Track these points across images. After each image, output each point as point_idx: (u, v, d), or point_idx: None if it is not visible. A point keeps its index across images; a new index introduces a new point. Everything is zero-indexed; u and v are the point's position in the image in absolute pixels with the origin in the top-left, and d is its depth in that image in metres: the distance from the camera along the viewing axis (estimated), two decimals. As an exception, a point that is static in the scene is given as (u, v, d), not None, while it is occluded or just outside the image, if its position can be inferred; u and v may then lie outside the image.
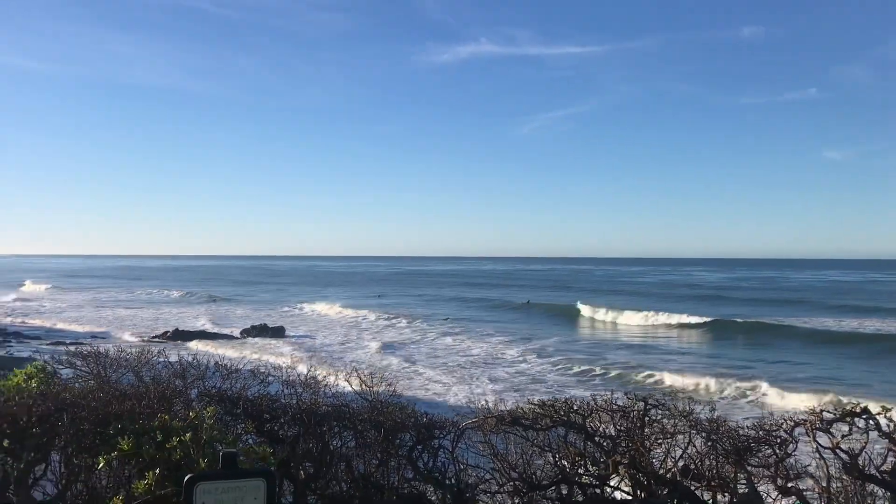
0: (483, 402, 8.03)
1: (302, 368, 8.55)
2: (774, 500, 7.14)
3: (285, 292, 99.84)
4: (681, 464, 7.39)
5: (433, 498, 7.53)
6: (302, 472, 7.21)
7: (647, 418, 7.42)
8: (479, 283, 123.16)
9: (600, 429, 7.55)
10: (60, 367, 8.29)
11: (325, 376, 8.34)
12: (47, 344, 43.71)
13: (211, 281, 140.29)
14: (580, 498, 7.53)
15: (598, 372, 32.77)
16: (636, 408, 7.44)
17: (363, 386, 8.04)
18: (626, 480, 7.43)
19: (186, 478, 4.53)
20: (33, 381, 7.26)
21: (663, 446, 7.44)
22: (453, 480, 7.52)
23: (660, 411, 7.43)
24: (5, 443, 6.44)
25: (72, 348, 18.75)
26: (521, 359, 36.97)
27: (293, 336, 49.68)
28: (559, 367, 34.36)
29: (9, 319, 62.74)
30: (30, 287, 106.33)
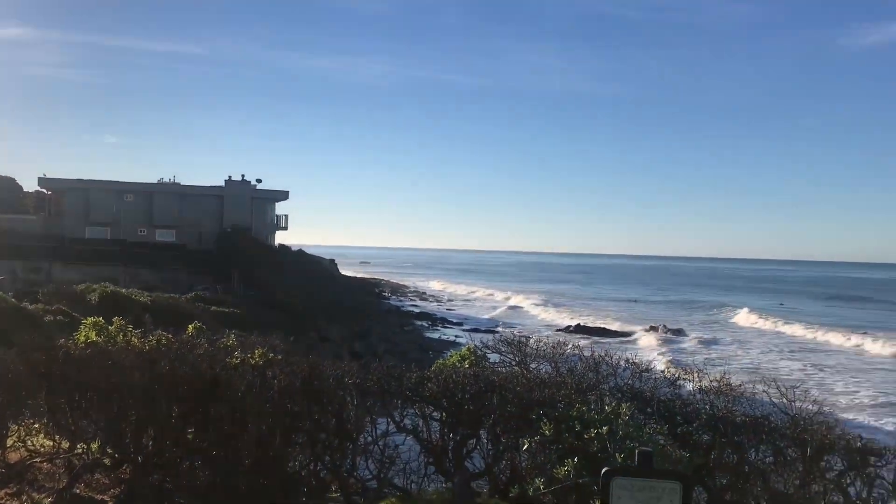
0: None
1: (713, 375, 8.20)
2: None
3: (689, 294, 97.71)
4: None
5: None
6: (716, 481, 6.93)
7: None
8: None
9: None
10: (487, 351, 9.09)
11: (741, 383, 7.89)
12: (465, 329, 48.64)
13: (618, 280, 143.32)
14: None
15: None
16: None
17: (783, 399, 7.45)
18: None
19: (604, 470, 4.62)
20: (466, 362, 8.07)
21: None
22: (892, 517, 6.60)
23: None
24: (443, 415, 7.25)
25: (489, 335, 20.58)
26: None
27: (693, 340, 48.43)
28: None
29: (434, 305, 71.26)
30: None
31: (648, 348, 40.99)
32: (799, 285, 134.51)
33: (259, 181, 68.85)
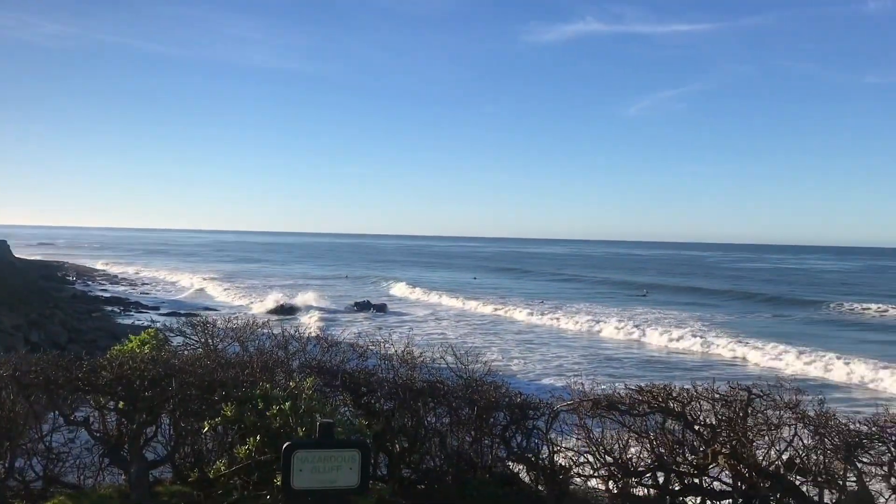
0: (579, 384, 7.92)
1: (399, 345, 8.63)
2: (887, 500, 6.77)
3: (388, 271, 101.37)
4: (785, 457, 7.10)
5: (526, 478, 7.51)
6: (396, 445, 7.32)
7: (750, 408, 7.14)
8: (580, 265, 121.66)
9: (700, 417, 7.33)
10: (172, 334, 8.71)
11: (421, 353, 8.39)
12: (164, 314, 46.09)
13: (316, 257, 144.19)
14: (677, 486, 7.34)
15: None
16: (739, 397, 7.18)
17: (458, 363, 8.07)
18: (727, 471, 7.19)
19: (285, 445, 4.68)
20: (146, 347, 7.65)
21: (767, 438, 7.15)
22: (546, 462, 7.47)
23: (764, 402, 7.14)
24: (120, 404, 6.82)
25: (179, 318, 19.74)
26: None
27: (395, 313, 50.55)
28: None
29: (127, 289, 66.51)
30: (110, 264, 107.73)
31: (341, 323, 41.92)
32: (487, 260, 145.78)
33: None
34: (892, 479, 6.65)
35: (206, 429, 6.20)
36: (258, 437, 5.77)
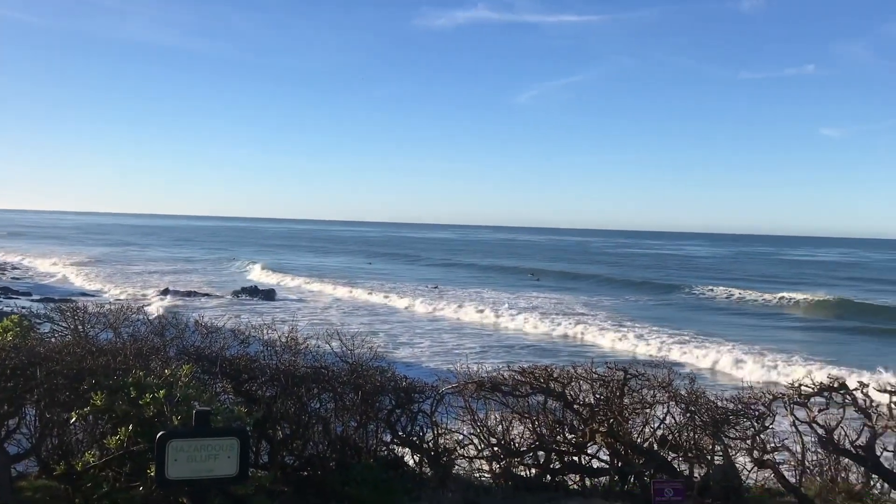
0: (465, 367, 7.99)
1: (284, 330, 8.46)
2: (750, 472, 7.19)
3: (277, 255, 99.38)
4: (659, 434, 7.42)
5: (411, 461, 7.54)
6: (279, 432, 7.19)
7: (626, 388, 7.42)
8: (467, 251, 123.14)
9: (580, 397, 7.56)
10: (39, 321, 8.22)
11: (306, 338, 8.24)
12: (35, 300, 43.56)
13: (199, 241, 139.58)
14: (557, 465, 7.56)
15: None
16: (616, 377, 7.44)
17: (344, 348, 7.99)
18: (604, 449, 7.46)
19: (159, 434, 4.51)
20: (9, 334, 7.18)
21: (642, 416, 7.46)
22: (431, 445, 7.52)
23: (639, 381, 7.43)
24: (-23, 396, 6.38)
25: (48, 304, 18.65)
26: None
27: (284, 299, 49.65)
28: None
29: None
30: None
31: (224, 309, 40.81)
32: (377, 245, 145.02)
33: None
34: (755, 452, 7.07)
35: (75, 419, 5.89)
36: (130, 427, 5.52)
